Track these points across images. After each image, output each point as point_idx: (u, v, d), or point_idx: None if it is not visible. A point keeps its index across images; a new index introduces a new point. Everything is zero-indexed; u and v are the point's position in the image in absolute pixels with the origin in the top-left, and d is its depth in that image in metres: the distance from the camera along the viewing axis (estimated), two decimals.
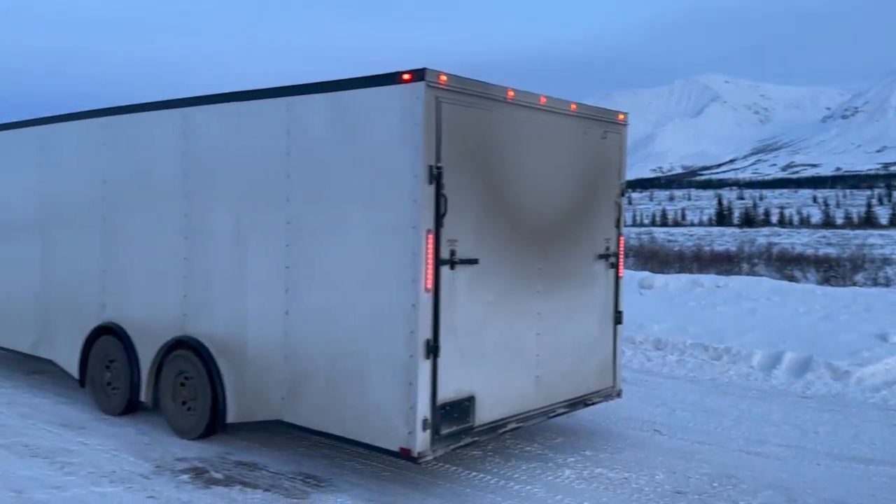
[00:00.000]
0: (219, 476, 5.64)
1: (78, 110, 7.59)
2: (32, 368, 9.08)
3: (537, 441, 6.62)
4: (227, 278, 6.18)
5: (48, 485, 5.36)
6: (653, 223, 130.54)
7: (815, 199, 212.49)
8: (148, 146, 6.85)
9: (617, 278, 6.84)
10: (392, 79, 5.13)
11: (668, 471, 5.96)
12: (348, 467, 5.89)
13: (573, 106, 6.24)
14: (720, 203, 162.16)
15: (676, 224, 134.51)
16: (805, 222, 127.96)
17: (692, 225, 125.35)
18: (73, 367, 7.55)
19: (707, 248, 34.75)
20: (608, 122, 6.67)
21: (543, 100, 5.93)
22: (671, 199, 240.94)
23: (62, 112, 7.81)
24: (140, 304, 6.91)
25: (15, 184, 8.32)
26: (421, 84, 4.98)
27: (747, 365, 9.64)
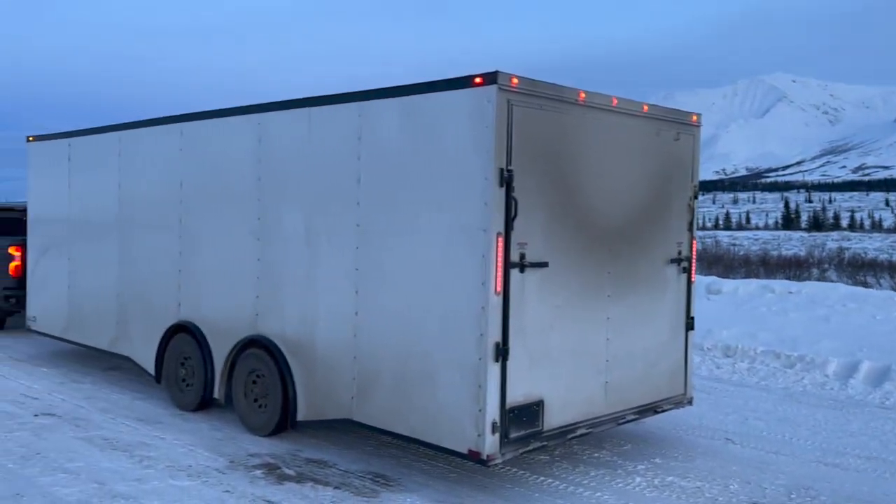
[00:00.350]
0: (290, 472, 5.73)
1: (152, 116, 7.82)
2: (110, 365, 9.40)
3: (605, 447, 6.53)
4: (298, 279, 6.28)
5: (129, 477, 5.53)
6: (716, 226, 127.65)
7: (887, 203, 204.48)
8: (223, 151, 7.02)
9: (689, 283, 6.70)
10: (464, 82, 5.13)
11: (742, 481, 5.80)
12: (415, 467, 5.92)
13: (645, 107, 6.14)
14: (787, 206, 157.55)
15: (741, 227, 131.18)
16: (877, 226, 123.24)
17: (757, 228, 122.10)
18: (149, 364, 7.78)
19: (774, 253, 33.80)
20: (681, 124, 6.54)
21: (615, 101, 5.85)
22: (735, 201, 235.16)
23: (139, 119, 8.07)
24: (214, 304, 7.08)
25: (96, 187, 8.62)
26: (493, 87, 4.97)
27: (822, 373, 9.32)
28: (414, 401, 5.45)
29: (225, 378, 6.95)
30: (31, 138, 9.90)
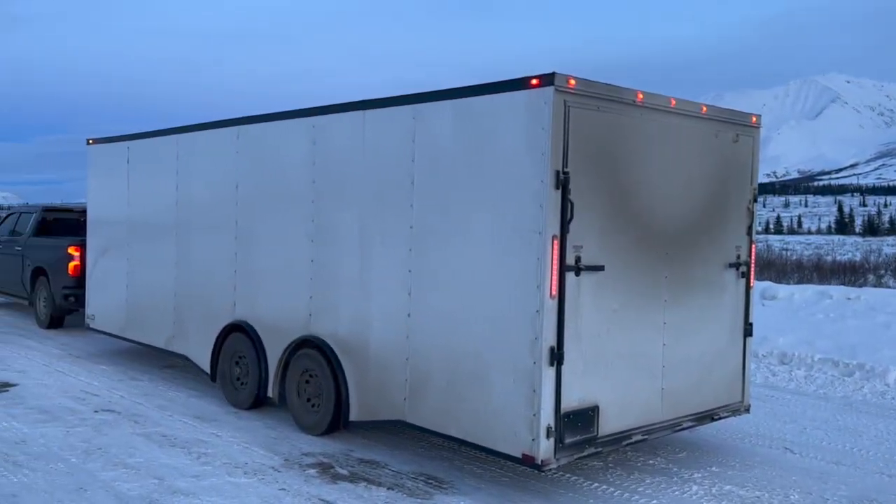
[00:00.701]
0: (344, 472, 5.76)
1: (204, 120, 7.95)
2: (166, 363, 9.59)
3: (660, 454, 6.41)
4: (351, 281, 6.32)
5: (187, 474, 5.61)
6: (766, 231, 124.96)
7: None
8: (278, 153, 7.10)
9: (748, 288, 6.55)
10: (520, 84, 5.10)
11: (803, 491, 5.64)
12: (467, 470, 5.89)
13: (704, 108, 6.02)
14: (840, 210, 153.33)
15: (792, 232, 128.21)
16: None
17: (809, 233, 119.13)
18: (204, 363, 7.91)
19: (828, 258, 32.88)
20: (740, 125, 6.40)
21: (673, 102, 5.75)
22: (786, 205, 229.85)
23: (195, 122, 8.21)
24: (268, 304, 7.16)
25: (154, 189, 8.80)
26: (550, 89, 4.92)
27: (883, 382, 9.03)
28: (466, 403, 5.42)
29: (278, 377, 7.03)
30: (91, 141, 10.16)
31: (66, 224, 13.33)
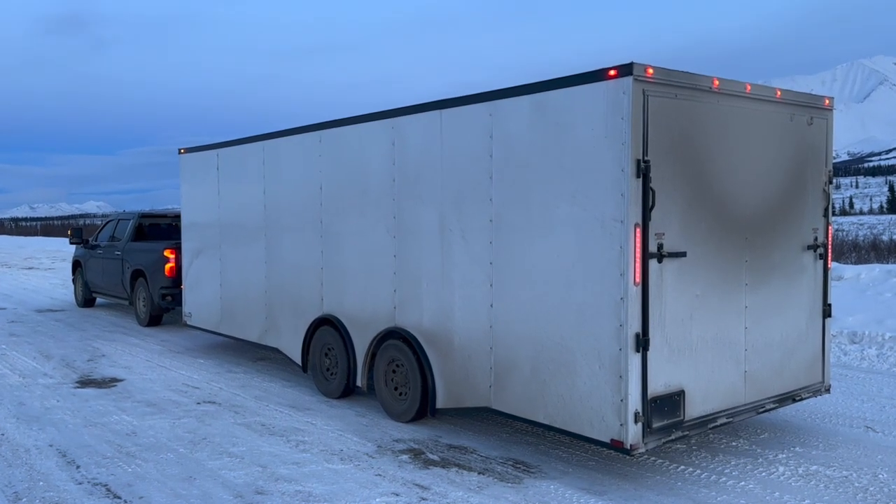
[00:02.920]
0: (435, 458, 5.68)
1: (293, 126, 7.95)
2: (258, 355, 9.70)
3: (742, 436, 6.14)
4: (433, 274, 6.22)
5: (288, 461, 5.61)
6: None
7: None
8: (359, 154, 7.05)
9: (825, 270, 6.21)
10: (597, 76, 4.90)
11: (891, 470, 5.31)
12: (554, 454, 5.74)
13: (778, 92, 5.71)
14: (892, 190, 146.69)
15: (844, 213, 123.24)
16: None
17: (861, 213, 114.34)
18: (296, 355, 7.94)
19: (884, 237, 31.40)
20: (814, 108, 6.05)
21: (749, 87, 5.46)
22: (837, 187, 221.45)
23: (280, 129, 8.23)
24: (354, 298, 7.13)
25: (243, 193, 8.88)
26: (628, 79, 4.71)
27: None
28: (551, 390, 5.27)
29: (366, 368, 6.99)
30: (182, 150, 10.32)
31: (160, 229, 13.65)
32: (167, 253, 11.87)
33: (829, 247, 6.25)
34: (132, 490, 5.06)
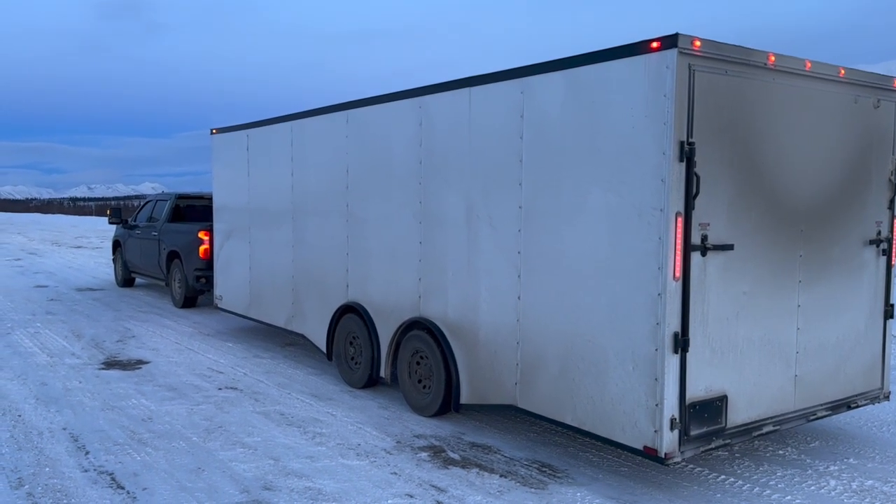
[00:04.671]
0: (455, 457, 5.33)
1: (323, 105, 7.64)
2: (287, 341, 9.48)
3: (790, 444, 5.64)
4: (459, 262, 5.85)
5: (301, 454, 5.33)
6: None
7: None
8: (385, 135, 6.69)
9: (889, 267, 5.64)
10: (638, 49, 4.43)
11: None
12: (583, 458, 5.34)
13: (842, 71, 5.14)
14: None
15: None
16: None
17: None
18: (321, 342, 7.68)
19: None
20: (882, 89, 5.47)
21: (809, 65, 4.92)
22: None
23: (308, 108, 7.93)
24: (379, 286, 6.81)
25: (271, 175, 8.63)
26: (672, 51, 4.24)
27: None
28: (581, 390, 4.86)
29: (390, 358, 6.68)
30: (214, 131, 10.12)
31: (197, 210, 13.57)
32: (201, 234, 11.74)
33: (894, 242, 5.68)
34: (137, 480, 4.84)
